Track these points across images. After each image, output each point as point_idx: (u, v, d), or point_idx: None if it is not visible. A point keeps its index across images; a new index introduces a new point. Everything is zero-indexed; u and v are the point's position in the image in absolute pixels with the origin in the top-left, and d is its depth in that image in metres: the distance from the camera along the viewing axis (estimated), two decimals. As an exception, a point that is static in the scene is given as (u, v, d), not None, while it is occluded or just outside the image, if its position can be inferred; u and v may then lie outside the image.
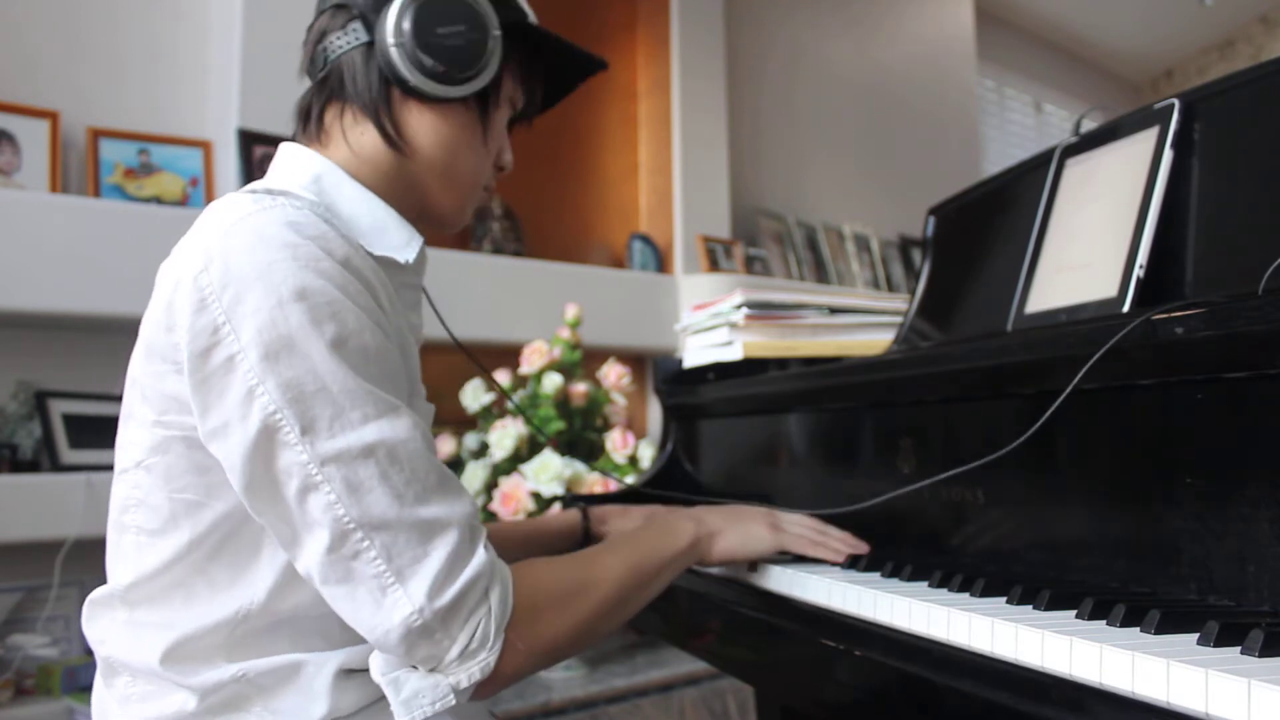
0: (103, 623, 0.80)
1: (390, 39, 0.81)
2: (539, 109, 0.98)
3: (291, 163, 0.84)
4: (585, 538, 1.17)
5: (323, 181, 0.83)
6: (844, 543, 0.98)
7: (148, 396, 0.76)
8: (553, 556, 0.83)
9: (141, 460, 0.77)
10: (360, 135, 0.85)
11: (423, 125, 0.85)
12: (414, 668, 0.70)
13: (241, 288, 0.69)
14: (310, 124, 0.87)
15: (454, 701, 0.70)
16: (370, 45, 0.83)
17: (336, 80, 0.84)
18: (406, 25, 0.81)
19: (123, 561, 0.79)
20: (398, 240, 0.84)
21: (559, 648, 0.77)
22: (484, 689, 0.72)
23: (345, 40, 0.84)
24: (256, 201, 0.74)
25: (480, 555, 0.71)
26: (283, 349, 0.68)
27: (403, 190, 0.87)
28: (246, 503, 0.72)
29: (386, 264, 0.82)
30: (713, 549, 0.94)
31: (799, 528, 0.99)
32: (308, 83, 0.88)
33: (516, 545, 1.12)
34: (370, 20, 0.83)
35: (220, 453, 0.72)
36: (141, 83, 2.28)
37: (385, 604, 0.68)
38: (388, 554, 0.68)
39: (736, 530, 0.96)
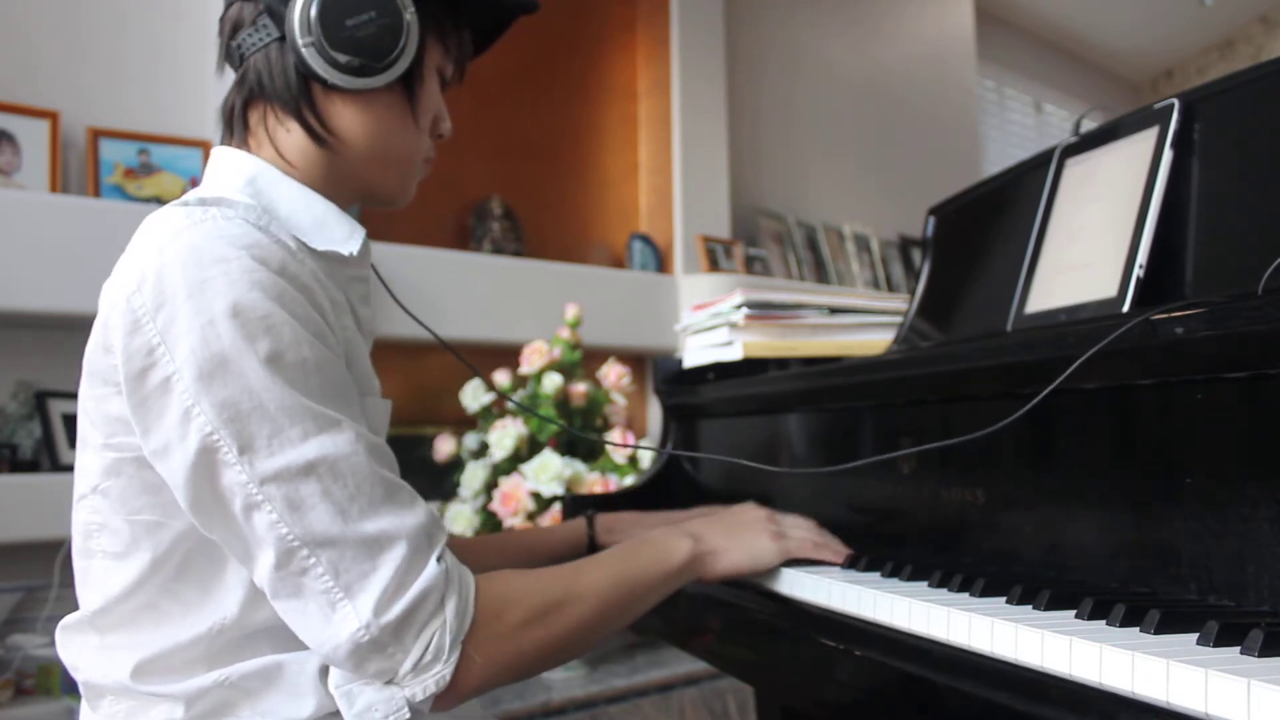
0: (74, 648, 0.80)
1: (299, 37, 0.78)
2: (469, 60, 0.94)
3: (225, 167, 0.83)
4: (591, 549, 1.13)
5: (258, 182, 0.81)
6: (842, 546, 0.97)
7: (94, 421, 0.75)
8: (531, 569, 0.81)
9: (97, 485, 0.76)
10: (286, 134, 0.83)
11: (348, 118, 0.83)
12: (369, 681, 0.69)
13: (174, 307, 0.68)
14: (235, 126, 0.85)
15: (408, 714, 0.69)
16: (282, 40, 0.80)
17: (254, 80, 0.82)
18: (314, 20, 0.78)
19: (92, 587, 0.79)
20: (339, 234, 0.83)
21: (524, 662, 0.75)
22: (442, 701, 0.71)
23: (257, 37, 0.81)
24: (188, 216, 0.73)
25: (432, 567, 0.70)
26: (217, 368, 0.67)
27: (338, 181, 0.85)
28: (195, 520, 0.72)
29: (331, 259, 0.81)
30: (716, 567, 0.91)
31: (801, 530, 0.97)
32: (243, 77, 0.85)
33: (518, 555, 1.09)
34: (278, 13, 0.80)
35: (165, 473, 0.71)
36: (141, 83, 2.28)
37: (334, 619, 0.68)
38: (335, 570, 0.68)
39: (740, 545, 0.93)
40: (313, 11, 0.78)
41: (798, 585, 0.92)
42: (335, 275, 0.81)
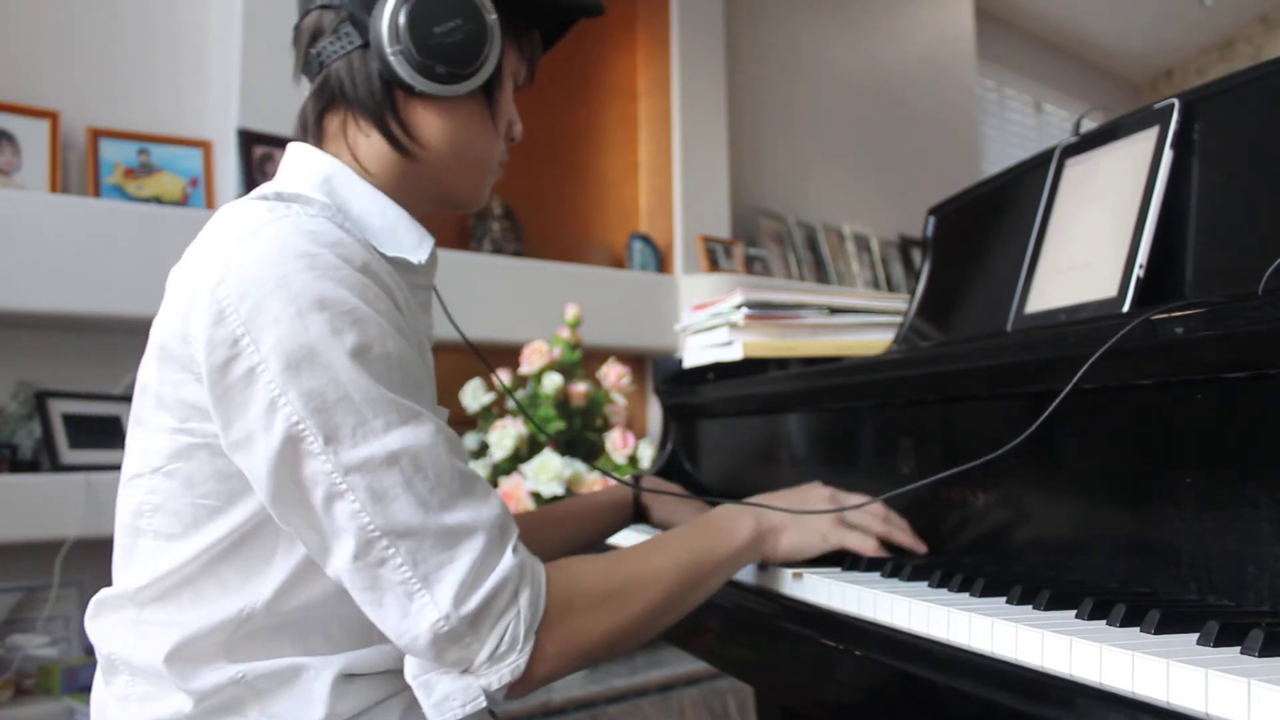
0: (109, 621, 0.80)
1: (387, 45, 0.79)
2: (539, 60, 0.95)
3: (301, 163, 0.84)
4: (636, 510, 1.16)
5: (333, 182, 0.82)
6: (906, 534, 0.96)
7: (165, 404, 0.76)
8: (597, 554, 0.82)
9: (160, 466, 0.76)
10: (366, 140, 0.84)
11: (431, 124, 0.84)
12: (445, 671, 0.71)
13: (260, 299, 0.69)
14: (310, 132, 0.85)
15: (484, 703, 0.71)
16: (365, 48, 0.81)
17: (336, 86, 0.83)
18: (403, 28, 0.79)
19: (136, 565, 0.79)
20: (409, 241, 0.84)
21: (594, 649, 0.76)
22: (515, 690, 0.72)
23: (339, 45, 0.82)
24: (271, 210, 0.74)
25: (508, 558, 0.71)
26: (304, 359, 0.68)
27: (414, 187, 0.86)
28: (273, 512, 0.72)
29: (399, 265, 0.82)
30: (777, 548, 0.92)
31: (863, 518, 0.96)
32: (307, 84, 0.87)
33: (571, 523, 1.11)
34: (361, 21, 0.80)
35: (244, 464, 0.72)
36: (141, 83, 2.28)
37: (412, 610, 0.68)
38: (413, 561, 0.68)
39: (799, 532, 0.93)
40: (401, 19, 0.79)
41: (798, 585, 0.92)
42: (403, 281, 0.82)
